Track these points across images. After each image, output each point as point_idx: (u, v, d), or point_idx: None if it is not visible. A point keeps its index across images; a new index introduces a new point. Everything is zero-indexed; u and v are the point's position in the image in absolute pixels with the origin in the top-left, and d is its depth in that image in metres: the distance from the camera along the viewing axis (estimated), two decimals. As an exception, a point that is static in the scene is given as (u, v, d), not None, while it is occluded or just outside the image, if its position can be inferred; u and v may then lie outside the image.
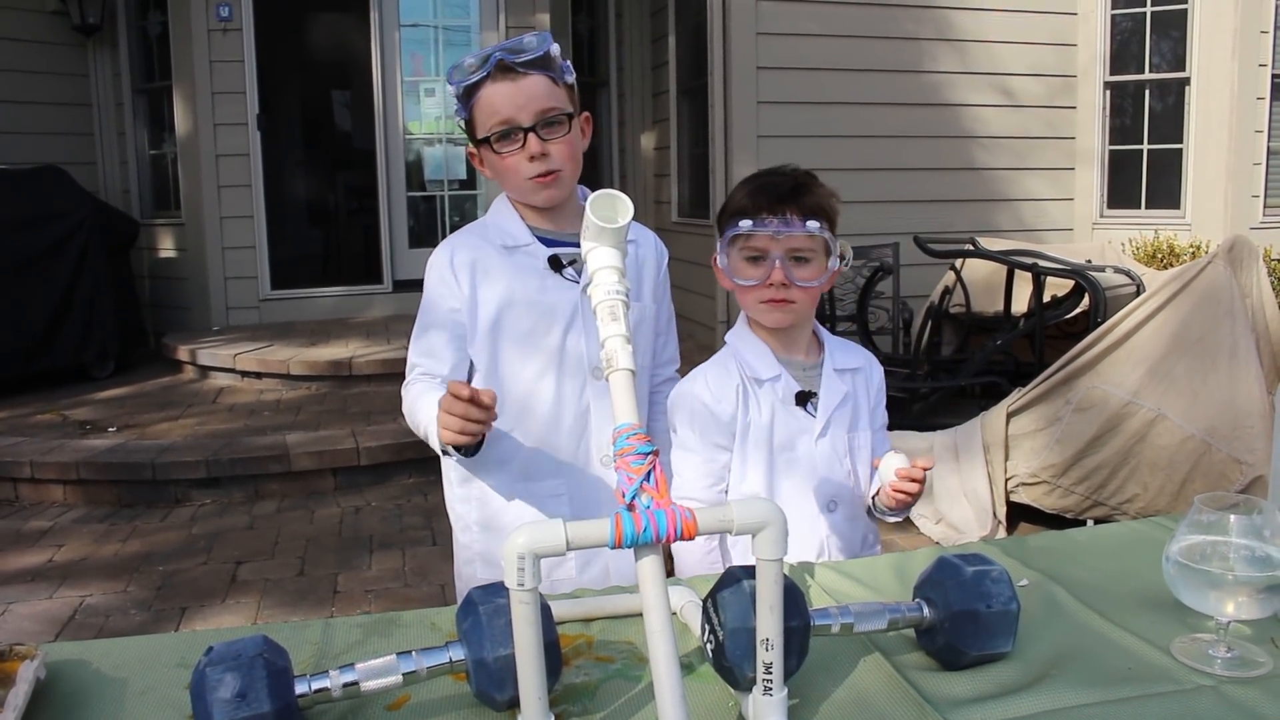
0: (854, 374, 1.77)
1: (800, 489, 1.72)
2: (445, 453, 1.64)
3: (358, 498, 4.88)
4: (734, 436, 1.72)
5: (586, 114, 1.79)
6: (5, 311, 6.13)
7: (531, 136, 1.67)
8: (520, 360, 1.76)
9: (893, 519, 1.76)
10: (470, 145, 1.78)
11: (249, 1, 7.51)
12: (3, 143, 7.25)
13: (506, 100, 1.67)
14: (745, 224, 1.62)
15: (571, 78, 1.73)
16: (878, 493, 1.72)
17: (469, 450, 1.62)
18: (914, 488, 1.62)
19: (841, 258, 1.67)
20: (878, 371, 1.83)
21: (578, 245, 1.72)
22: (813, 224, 1.62)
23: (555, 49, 1.69)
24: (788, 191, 1.64)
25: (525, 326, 1.75)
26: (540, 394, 1.76)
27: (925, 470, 1.61)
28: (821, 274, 1.66)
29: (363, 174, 8.26)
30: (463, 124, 1.77)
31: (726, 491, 1.74)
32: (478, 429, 1.52)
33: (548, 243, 1.77)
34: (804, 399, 1.72)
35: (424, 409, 1.68)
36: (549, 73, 1.69)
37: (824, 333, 1.80)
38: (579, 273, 1.75)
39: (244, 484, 4.91)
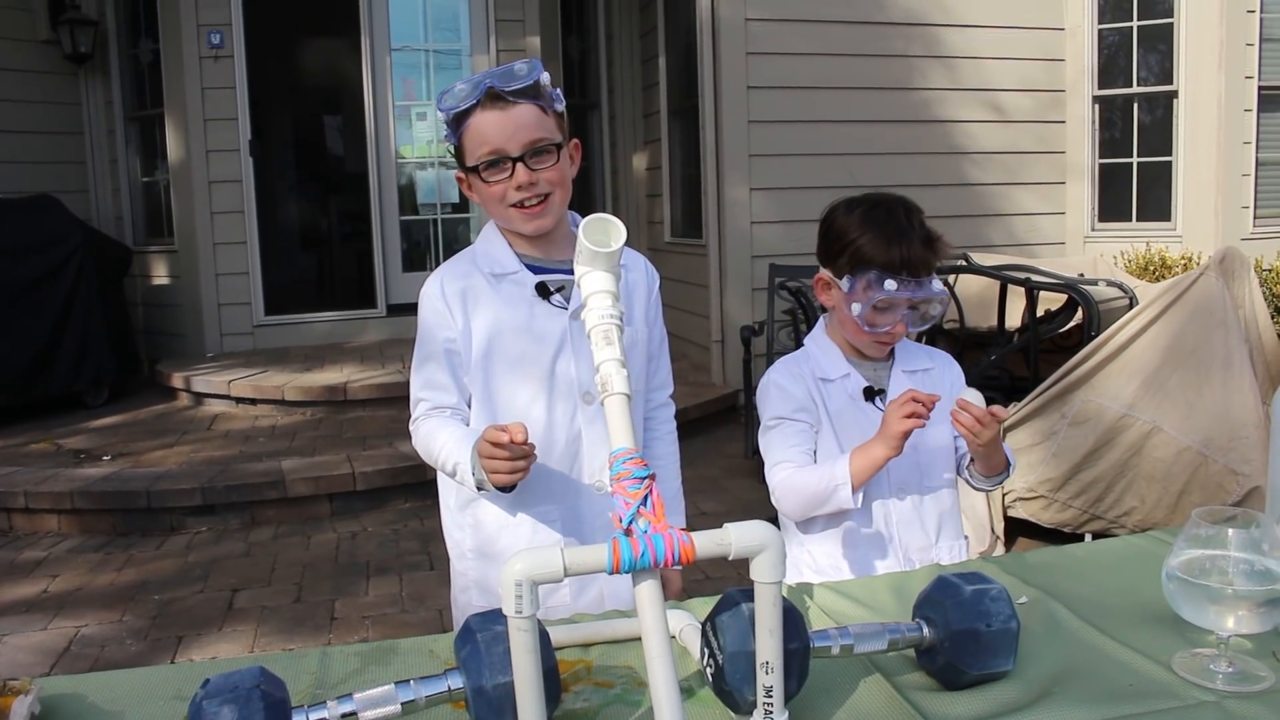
0: (925, 374, 1.87)
1: (871, 478, 1.77)
2: (481, 488, 1.67)
3: (354, 523, 4.87)
4: (812, 414, 1.83)
5: (576, 141, 1.79)
6: (-1, 340, 6.12)
7: (520, 166, 1.68)
8: (512, 387, 1.76)
9: (982, 486, 1.85)
10: (459, 171, 1.78)
11: (240, 28, 7.54)
12: (-6, 172, 7.26)
13: (495, 129, 1.67)
14: (890, 285, 1.71)
15: (561, 105, 1.74)
16: (973, 460, 1.83)
17: (510, 486, 1.66)
18: (967, 419, 1.66)
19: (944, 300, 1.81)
20: (952, 369, 1.92)
21: (566, 272, 1.75)
22: (938, 287, 1.75)
23: (545, 77, 1.69)
24: (924, 248, 1.74)
25: (515, 354, 1.75)
26: (532, 420, 1.75)
27: (993, 416, 1.65)
28: (929, 317, 1.80)
29: (355, 198, 8.27)
30: (452, 150, 1.77)
31: (815, 456, 1.84)
32: (526, 464, 1.59)
33: (536, 270, 1.77)
34: (872, 394, 1.82)
35: (442, 446, 1.71)
36: (539, 101, 1.69)
37: None
38: (567, 299, 1.76)
39: (240, 511, 4.89)
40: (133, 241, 8.01)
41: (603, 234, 1.12)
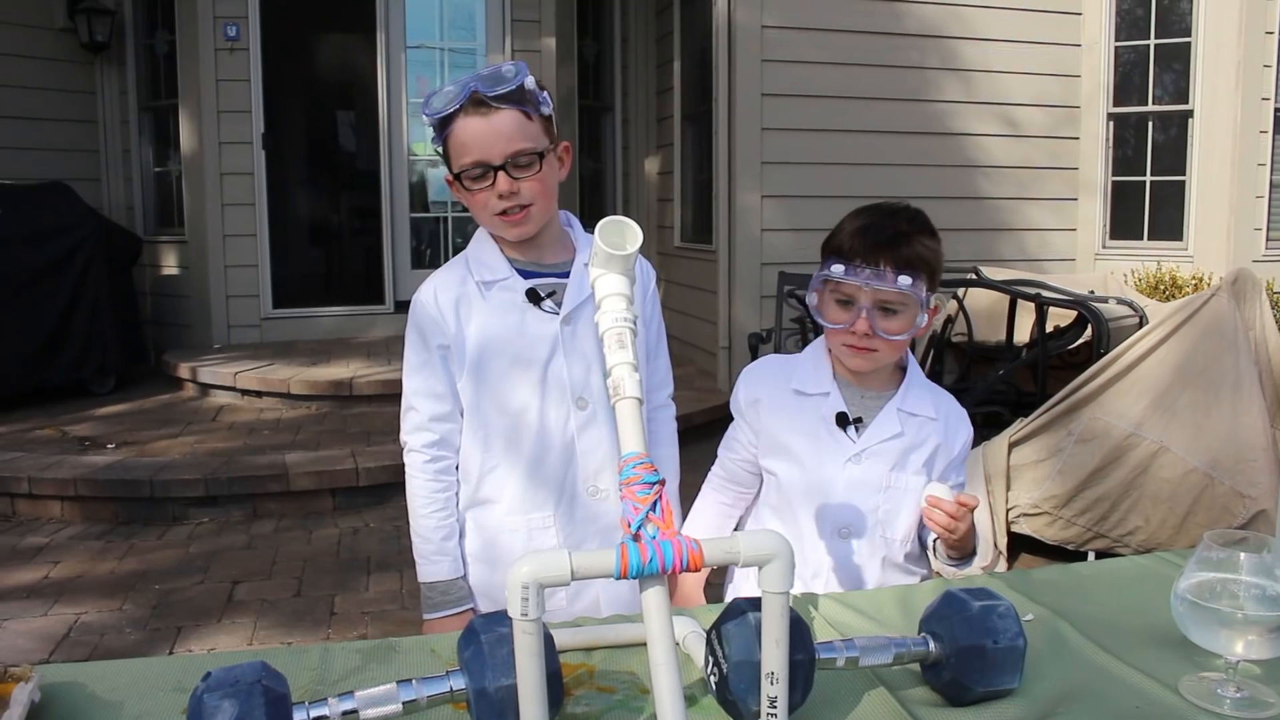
0: (925, 421, 1.70)
1: (816, 506, 1.70)
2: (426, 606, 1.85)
3: (356, 518, 4.86)
4: (753, 429, 1.77)
5: (565, 144, 1.77)
6: (7, 326, 6.12)
7: (501, 175, 1.66)
8: (505, 395, 1.76)
9: (952, 568, 1.66)
10: (448, 175, 1.77)
11: (256, 21, 7.55)
12: (9, 158, 7.27)
13: (477, 139, 1.66)
14: (837, 269, 1.59)
15: (548, 109, 1.71)
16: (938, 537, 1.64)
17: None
18: (941, 517, 1.54)
19: (936, 310, 1.63)
20: (957, 433, 1.73)
21: (557, 276, 1.75)
22: (904, 280, 1.58)
23: (531, 80, 1.66)
24: (887, 240, 1.59)
25: (507, 361, 1.75)
26: (526, 427, 1.76)
27: (964, 507, 1.52)
28: (909, 327, 1.63)
29: (366, 194, 8.28)
30: (439, 152, 1.77)
31: (748, 468, 1.81)
32: None
33: (527, 274, 1.77)
34: (845, 422, 1.69)
35: (426, 533, 1.88)
36: (523, 106, 1.67)
37: (915, 374, 1.74)
38: (558, 305, 1.75)
39: (242, 503, 4.89)
40: (143, 231, 8.02)
41: (618, 236, 1.12)
